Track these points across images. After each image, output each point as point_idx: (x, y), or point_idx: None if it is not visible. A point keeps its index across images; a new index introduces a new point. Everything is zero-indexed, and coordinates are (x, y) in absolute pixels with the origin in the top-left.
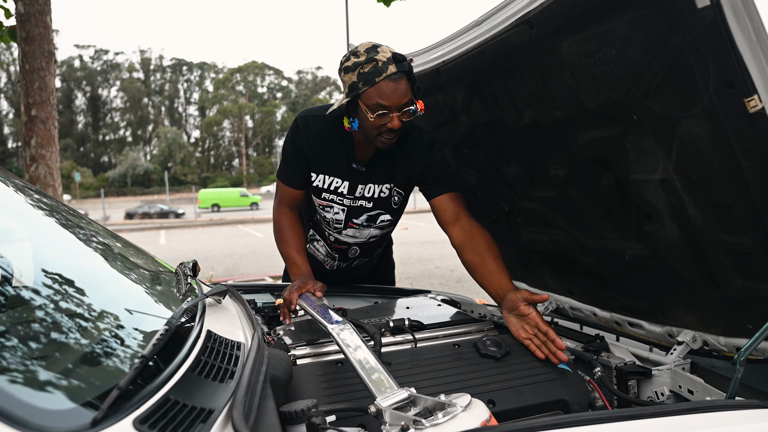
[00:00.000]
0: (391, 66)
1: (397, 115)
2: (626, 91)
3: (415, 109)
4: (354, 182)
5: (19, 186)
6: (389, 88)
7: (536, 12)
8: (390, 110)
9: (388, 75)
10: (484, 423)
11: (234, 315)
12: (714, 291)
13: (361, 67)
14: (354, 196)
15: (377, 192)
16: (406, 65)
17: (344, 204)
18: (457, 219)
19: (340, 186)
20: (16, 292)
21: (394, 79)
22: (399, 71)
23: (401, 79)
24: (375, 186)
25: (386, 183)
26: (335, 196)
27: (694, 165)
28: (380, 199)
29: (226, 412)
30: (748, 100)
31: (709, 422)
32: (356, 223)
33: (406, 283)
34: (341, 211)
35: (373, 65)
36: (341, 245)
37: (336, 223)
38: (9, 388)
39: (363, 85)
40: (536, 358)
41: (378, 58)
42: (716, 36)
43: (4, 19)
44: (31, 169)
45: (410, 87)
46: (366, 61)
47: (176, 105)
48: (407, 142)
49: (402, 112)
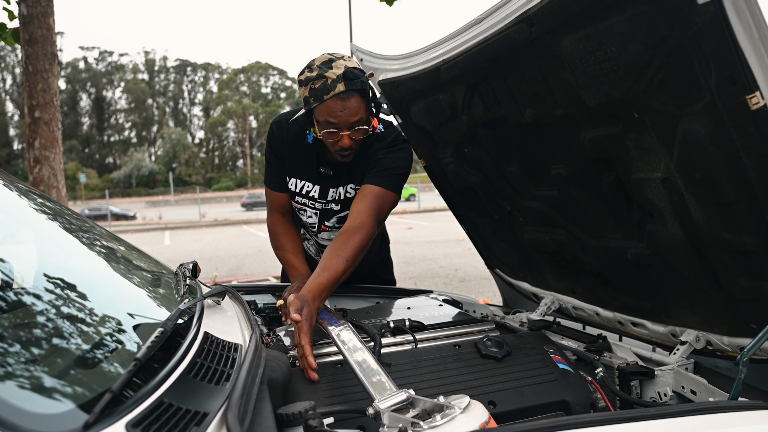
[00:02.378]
0: (340, 84)
1: (347, 134)
2: (627, 89)
3: (367, 129)
4: (325, 186)
5: (22, 190)
6: (337, 106)
7: (536, 10)
8: (339, 128)
9: (336, 93)
10: (482, 425)
11: (233, 316)
12: (717, 290)
13: (312, 82)
14: (326, 200)
15: (343, 194)
16: (358, 83)
17: (316, 207)
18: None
19: (311, 190)
20: (13, 295)
21: (342, 98)
22: (348, 89)
23: (351, 98)
24: (341, 188)
25: (351, 183)
26: (307, 200)
27: (696, 163)
28: (347, 199)
29: (221, 415)
30: (750, 97)
31: (712, 424)
32: (328, 225)
33: (410, 283)
34: (314, 215)
35: (323, 82)
36: (322, 248)
37: (311, 226)
38: (0, 391)
39: (313, 101)
40: (537, 359)
41: (328, 75)
42: (717, 32)
43: (7, 21)
44: (35, 170)
45: (364, 104)
46: (317, 77)
47: (180, 106)
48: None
49: (352, 131)
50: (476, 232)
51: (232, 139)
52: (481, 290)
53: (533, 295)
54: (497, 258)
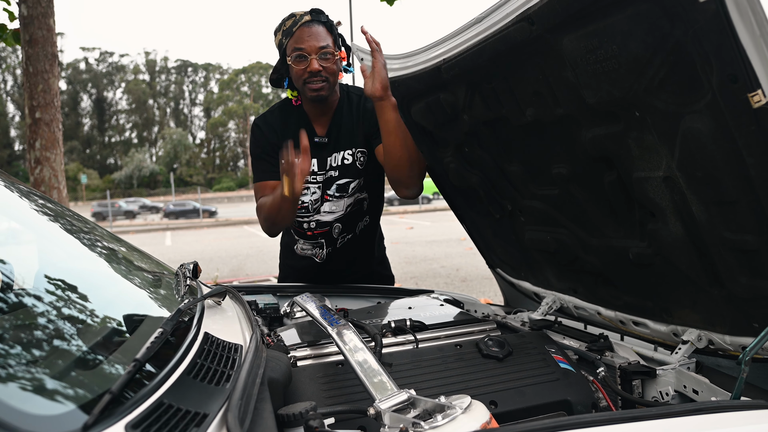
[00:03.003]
0: (306, 16)
1: (315, 58)
2: (628, 88)
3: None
4: (322, 156)
5: (23, 191)
6: (304, 33)
7: (536, 8)
8: (307, 53)
9: (303, 23)
10: (484, 425)
11: (233, 317)
12: (719, 289)
13: (283, 24)
14: (325, 170)
15: (340, 159)
16: (324, 17)
17: (318, 180)
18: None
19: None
20: (14, 296)
21: (308, 25)
22: (314, 19)
23: (316, 26)
24: (337, 154)
25: (347, 149)
26: (309, 176)
27: (698, 162)
28: (344, 165)
29: (221, 416)
30: (752, 95)
31: (714, 423)
32: (330, 194)
33: (411, 283)
34: (317, 189)
35: (293, 19)
36: (323, 227)
37: (314, 203)
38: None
39: (285, 39)
40: (539, 358)
41: (297, 13)
42: (719, 30)
43: (8, 22)
44: (36, 171)
45: (331, 37)
46: (287, 18)
47: (181, 106)
48: (359, 104)
49: (321, 56)
50: (477, 232)
51: (233, 140)
52: (482, 290)
53: (534, 294)
54: (498, 257)
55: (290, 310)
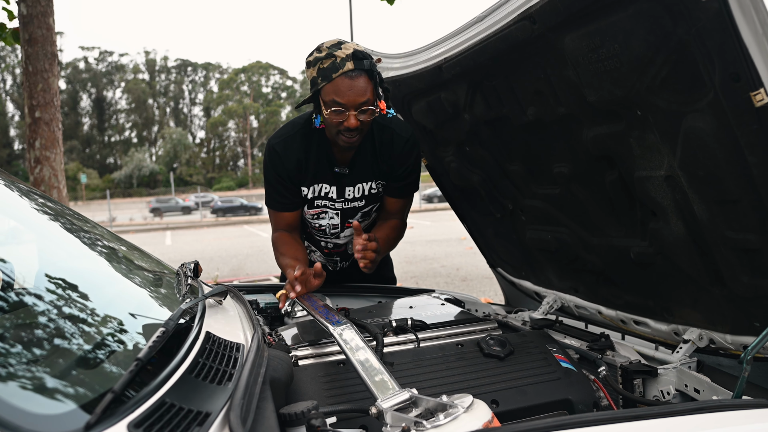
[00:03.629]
0: (349, 63)
1: (354, 114)
2: (630, 87)
3: (374, 109)
4: (341, 185)
5: (23, 190)
6: (345, 85)
7: (538, 7)
8: (345, 108)
9: (345, 72)
10: (486, 424)
11: (234, 316)
12: (720, 288)
13: (320, 62)
14: (345, 198)
15: (367, 189)
16: (367, 63)
17: (336, 207)
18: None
19: (329, 191)
20: (15, 295)
21: (351, 77)
22: (357, 68)
23: (359, 77)
24: (363, 185)
25: (374, 180)
26: (327, 202)
27: (700, 161)
28: (371, 195)
29: (224, 415)
30: (754, 94)
31: (716, 422)
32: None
33: (412, 282)
34: (336, 216)
35: (332, 61)
36: (340, 248)
37: (332, 228)
38: (1, 391)
39: (321, 81)
40: (540, 358)
41: (337, 54)
42: (721, 29)
43: (7, 21)
44: (36, 170)
45: (372, 86)
46: (326, 56)
47: (181, 106)
48: (384, 136)
49: (359, 111)
50: (478, 231)
51: (233, 139)
52: (482, 289)
53: (535, 293)
54: (499, 257)
55: (291, 310)
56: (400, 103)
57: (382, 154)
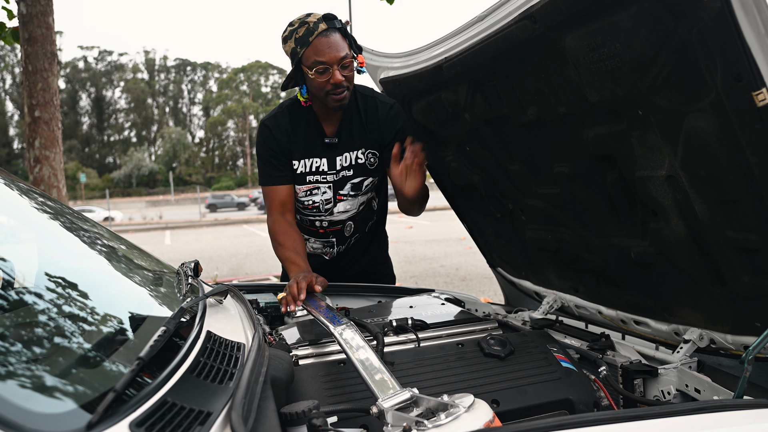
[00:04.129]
0: (322, 24)
1: (337, 69)
2: (631, 86)
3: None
4: (331, 156)
5: (23, 189)
6: (323, 43)
7: (539, 6)
8: (328, 65)
9: (320, 32)
10: (487, 424)
11: (235, 315)
12: (721, 288)
13: (295, 33)
14: (335, 170)
15: (353, 159)
16: (337, 23)
17: (328, 180)
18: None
19: (320, 164)
20: (15, 294)
21: (326, 35)
22: (330, 27)
23: (333, 34)
24: (349, 154)
25: (359, 148)
26: (318, 176)
27: (701, 161)
28: (357, 165)
29: (225, 414)
30: (756, 93)
31: (717, 422)
32: (343, 194)
33: (411, 282)
34: (328, 189)
35: (306, 28)
36: (335, 226)
37: (326, 203)
38: (2, 391)
39: (300, 48)
40: (541, 357)
41: (309, 20)
42: (723, 28)
43: (7, 20)
44: (36, 170)
45: (347, 42)
46: (299, 25)
47: (180, 105)
48: (368, 106)
49: (341, 66)
50: (478, 231)
51: (232, 139)
52: (482, 289)
53: (535, 293)
54: (499, 256)
55: (291, 310)
56: (400, 103)
57: (371, 123)
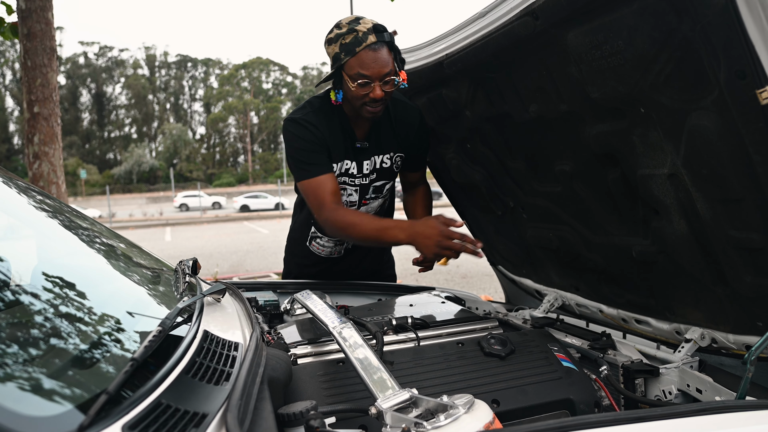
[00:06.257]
0: (371, 36)
1: (379, 85)
2: (634, 84)
3: (396, 80)
4: (360, 160)
5: (20, 186)
6: (369, 57)
7: (541, 3)
8: (371, 80)
9: (368, 44)
10: (487, 425)
11: (233, 314)
12: (723, 288)
13: (342, 38)
14: (363, 174)
15: (379, 163)
16: (387, 36)
17: (356, 183)
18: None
19: (350, 167)
20: (11, 293)
21: (373, 49)
22: (379, 41)
23: (382, 49)
24: (376, 158)
25: (387, 153)
26: (347, 178)
27: (704, 159)
28: (382, 169)
29: (221, 416)
30: (760, 91)
31: (720, 424)
32: (367, 198)
33: (411, 280)
34: (354, 192)
35: (354, 36)
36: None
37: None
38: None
39: (344, 56)
40: (541, 357)
41: (358, 29)
42: (727, 25)
43: (5, 15)
44: (35, 166)
45: (392, 57)
46: (347, 32)
47: (181, 101)
48: (398, 111)
49: (383, 82)
50: (479, 229)
51: (233, 135)
52: (482, 287)
53: (536, 292)
54: (500, 254)
55: (290, 307)
56: None
57: (401, 127)
